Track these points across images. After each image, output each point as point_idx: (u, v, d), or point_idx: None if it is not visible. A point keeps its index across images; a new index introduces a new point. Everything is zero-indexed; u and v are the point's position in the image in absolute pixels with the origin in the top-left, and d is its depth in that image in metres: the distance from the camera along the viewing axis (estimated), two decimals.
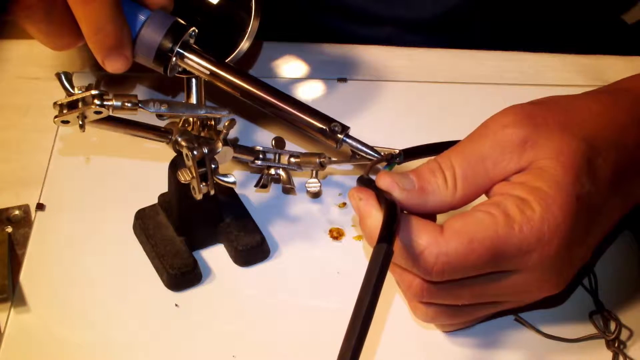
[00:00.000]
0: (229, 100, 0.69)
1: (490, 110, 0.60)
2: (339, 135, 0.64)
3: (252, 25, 0.69)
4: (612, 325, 0.64)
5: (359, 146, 0.64)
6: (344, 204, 0.73)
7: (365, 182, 0.60)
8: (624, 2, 0.95)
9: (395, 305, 0.66)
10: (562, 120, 0.58)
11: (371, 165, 0.62)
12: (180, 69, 0.66)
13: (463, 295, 0.58)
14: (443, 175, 0.57)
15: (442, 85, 0.82)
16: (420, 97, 0.81)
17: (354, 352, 0.48)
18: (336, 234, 0.71)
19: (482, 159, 0.57)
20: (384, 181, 0.57)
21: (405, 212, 0.57)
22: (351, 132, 0.65)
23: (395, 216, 0.54)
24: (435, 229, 0.55)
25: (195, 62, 0.65)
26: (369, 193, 0.57)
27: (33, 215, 0.72)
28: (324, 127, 0.64)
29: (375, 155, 0.64)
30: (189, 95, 0.69)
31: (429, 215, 0.58)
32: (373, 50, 0.85)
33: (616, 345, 0.63)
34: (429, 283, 0.57)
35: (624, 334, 0.64)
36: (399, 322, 0.65)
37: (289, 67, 0.83)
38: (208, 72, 0.65)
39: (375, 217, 0.56)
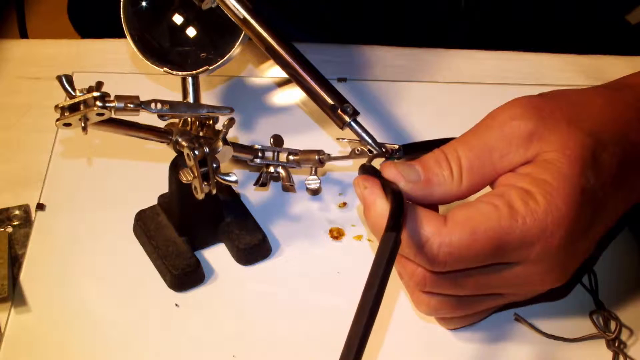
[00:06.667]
0: (226, 99, 0.69)
1: (490, 110, 0.60)
2: (347, 118, 0.64)
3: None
4: (613, 325, 0.64)
5: (363, 134, 0.64)
6: (344, 203, 0.73)
7: (369, 170, 0.60)
8: (628, 3, 0.95)
9: (398, 302, 0.66)
10: (569, 113, 0.58)
11: (371, 159, 0.62)
12: (214, 5, 0.66)
13: (466, 285, 0.58)
14: (449, 167, 0.57)
15: (442, 85, 0.82)
16: (420, 97, 0.81)
17: (361, 339, 0.48)
18: (336, 234, 0.71)
19: (488, 150, 0.57)
20: (389, 172, 0.57)
21: (409, 202, 0.57)
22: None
23: (402, 205, 0.54)
24: (438, 220, 0.55)
25: (232, 3, 0.65)
26: (374, 181, 0.57)
27: (33, 215, 0.72)
28: (335, 105, 0.64)
29: (375, 147, 0.64)
30: (185, 96, 0.69)
31: (432, 204, 0.58)
32: (373, 50, 0.85)
33: (616, 344, 0.63)
34: (432, 272, 0.57)
35: (624, 334, 0.64)
36: (402, 319, 0.65)
37: None
38: (241, 17, 0.65)
39: (380, 206, 0.56)
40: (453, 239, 0.54)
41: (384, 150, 0.64)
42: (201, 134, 0.66)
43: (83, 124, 0.59)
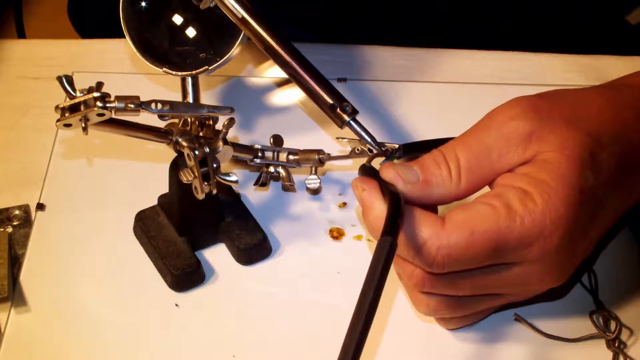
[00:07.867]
0: (226, 99, 0.69)
1: (490, 110, 0.60)
2: (346, 117, 0.64)
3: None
4: (613, 325, 0.64)
5: (363, 133, 0.64)
6: (344, 203, 0.73)
7: (368, 171, 0.60)
8: (628, 3, 0.95)
9: (397, 302, 0.66)
10: (568, 113, 0.58)
11: (371, 158, 0.62)
12: (212, 4, 0.66)
13: (464, 286, 0.58)
14: (447, 167, 0.57)
15: (442, 85, 0.82)
16: (420, 97, 0.81)
17: (357, 345, 0.47)
18: (336, 234, 0.71)
19: (487, 150, 0.57)
20: (387, 174, 0.57)
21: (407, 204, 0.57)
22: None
23: (399, 209, 0.54)
24: (436, 221, 0.55)
25: (230, 2, 0.65)
26: (373, 183, 0.57)
27: (33, 215, 0.72)
28: (334, 104, 0.64)
29: (375, 146, 0.64)
30: (185, 96, 0.69)
31: (431, 205, 0.58)
32: (373, 50, 0.85)
33: (616, 345, 0.63)
34: (431, 273, 0.57)
35: (624, 334, 0.64)
36: (401, 318, 0.65)
37: None
38: (240, 16, 0.65)
39: (378, 208, 0.56)
40: (451, 241, 0.54)
41: (383, 149, 0.64)
42: (201, 134, 0.66)
43: (83, 125, 0.59)
